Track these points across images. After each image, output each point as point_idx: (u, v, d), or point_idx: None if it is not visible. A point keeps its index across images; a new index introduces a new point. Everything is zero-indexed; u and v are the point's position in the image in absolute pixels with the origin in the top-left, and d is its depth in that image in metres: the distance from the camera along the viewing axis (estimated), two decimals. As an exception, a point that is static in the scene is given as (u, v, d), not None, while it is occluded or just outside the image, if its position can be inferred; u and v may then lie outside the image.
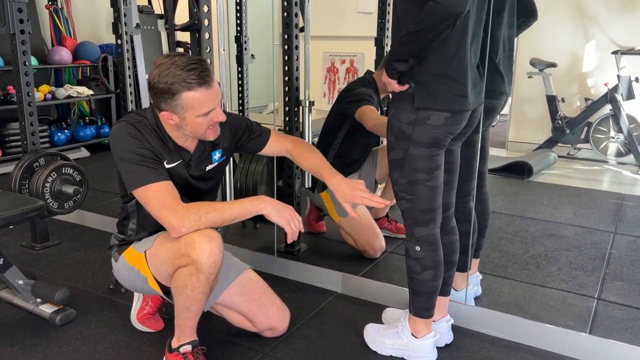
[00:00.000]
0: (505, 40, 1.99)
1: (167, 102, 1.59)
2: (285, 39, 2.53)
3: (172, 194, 1.61)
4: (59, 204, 2.62)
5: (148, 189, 1.59)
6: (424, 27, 1.49)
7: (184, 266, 1.58)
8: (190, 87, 1.57)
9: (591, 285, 2.45)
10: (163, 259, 1.66)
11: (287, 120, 2.62)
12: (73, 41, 4.91)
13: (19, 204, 1.99)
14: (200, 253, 1.54)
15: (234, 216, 1.64)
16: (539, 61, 4.86)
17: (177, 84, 1.56)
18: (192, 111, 1.60)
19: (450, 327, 1.98)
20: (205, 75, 1.59)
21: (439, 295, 1.84)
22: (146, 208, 1.61)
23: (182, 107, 1.59)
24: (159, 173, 1.63)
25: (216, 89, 1.64)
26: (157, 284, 1.73)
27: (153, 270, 1.71)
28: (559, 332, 1.94)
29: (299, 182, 2.68)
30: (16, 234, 2.91)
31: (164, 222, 1.57)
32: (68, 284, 2.38)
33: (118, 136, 1.65)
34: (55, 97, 4.53)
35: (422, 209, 1.73)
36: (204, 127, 1.66)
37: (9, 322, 2.09)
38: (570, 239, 3.01)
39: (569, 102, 4.99)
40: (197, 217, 1.57)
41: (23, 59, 2.59)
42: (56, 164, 2.60)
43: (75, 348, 1.92)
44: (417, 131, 1.64)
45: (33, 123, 2.68)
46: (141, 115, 1.70)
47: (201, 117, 1.62)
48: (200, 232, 1.57)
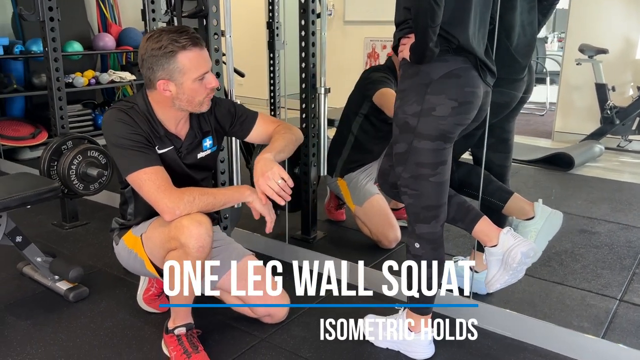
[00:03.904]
0: (525, 25, 1.90)
1: (163, 67, 1.63)
2: (302, 25, 2.51)
3: (165, 178, 1.64)
4: (85, 186, 2.73)
5: (142, 173, 1.63)
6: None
7: (174, 249, 1.61)
8: (185, 47, 1.61)
9: (616, 285, 2.32)
10: (156, 242, 1.70)
11: (303, 107, 2.61)
12: (117, 28, 5.06)
13: (35, 185, 2.09)
14: (188, 237, 1.57)
15: (224, 201, 1.68)
16: (588, 47, 4.60)
17: (172, 44, 1.61)
18: (189, 74, 1.64)
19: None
20: (196, 37, 1.65)
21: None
22: (140, 192, 1.65)
23: (179, 70, 1.63)
24: (152, 158, 1.66)
25: (207, 53, 1.69)
26: (153, 266, 1.77)
27: (149, 254, 1.76)
28: (566, 332, 1.86)
29: (315, 170, 2.67)
30: (49, 213, 3.05)
31: (158, 204, 1.61)
32: (88, 262, 2.48)
33: (110, 123, 1.69)
34: (99, 82, 4.69)
35: (424, 205, 1.68)
36: (200, 93, 1.68)
37: (29, 297, 2.21)
38: (602, 235, 2.86)
39: (619, 90, 4.70)
40: (191, 199, 1.60)
41: (52, 45, 2.69)
42: (82, 147, 2.70)
43: (84, 324, 2.01)
44: (422, 123, 1.58)
45: (62, 107, 2.79)
46: (131, 102, 1.74)
47: (197, 82, 1.66)
48: (189, 216, 1.59)
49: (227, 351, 1.85)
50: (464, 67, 1.56)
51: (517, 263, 1.71)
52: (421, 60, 1.52)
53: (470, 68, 1.57)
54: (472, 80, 1.57)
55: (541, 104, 6.72)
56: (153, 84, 1.67)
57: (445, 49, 1.53)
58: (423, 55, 1.50)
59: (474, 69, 1.58)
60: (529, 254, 1.72)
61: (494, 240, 1.76)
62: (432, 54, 1.49)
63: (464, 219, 1.81)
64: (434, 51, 1.49)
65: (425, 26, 1.43)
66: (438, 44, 1.49)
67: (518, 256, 1.70)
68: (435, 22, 1.43)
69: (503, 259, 1.75)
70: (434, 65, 1.54)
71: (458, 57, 1.55)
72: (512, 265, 1.72)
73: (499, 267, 1.77)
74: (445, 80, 1.54)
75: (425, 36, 1.45)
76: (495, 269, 1.78)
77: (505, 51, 1.79)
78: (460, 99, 1.56)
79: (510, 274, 1.75)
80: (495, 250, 1.76)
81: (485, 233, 1.78)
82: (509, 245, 1.73)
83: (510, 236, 1.75)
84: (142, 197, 1.67)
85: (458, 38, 1.51)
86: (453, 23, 1.50)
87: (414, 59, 1.53)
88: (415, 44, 1.49)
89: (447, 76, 1.54)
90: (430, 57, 1.50)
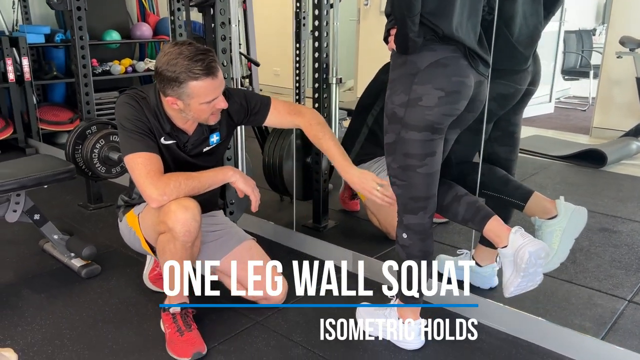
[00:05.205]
0: (527, 15, 1.86)
1: (173, 89, 1.67)
2: (315, 15, 2.53)
3: (157, 166, 1.71)
4: (107, 169, 2.85)
5: (137, 156, 1.70)
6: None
7: (163, 232, 1.68)
8: (197, 78, 1.64)
9: (628, 286, 2.25)
10: (149, 223, 1.78)
11: (316, 97, 2.63)
12: (155, 17, 5.20)
13: (52, 166, 2.20)
14: (174, 221, 1.63)
15: (209, 183, 1.75)
16: (629, 40, 4.41)
17: (184, 74, 1.63)
18: (197, 99, 1.68)
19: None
20: (212, 66, 1.66)
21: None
22: (131, 175, 1.72)
23: (187, 95, 1.67)
24: (150, 145, 1.73)
25: (220, 79, 1.71)
26: (148, 245, 1.85)
27: (144, 233, 1.84)
28: (561, 331, 1.82)
29: (326, 160, 2.69)
30: (77, 194, 3.20)
31: (145, 191, 1.67)
32: (105, 242, 2.60)
33: (119, 105, 1.78)
34: (135, 70, 4.85)
35: (412, 196, 1.68)
36: (206, 113, 1.74)
37: (47, 272, 2.34)
38: (623, 235, 2.76)
39: (662, 85, 4.49)
40: (177, 185, 1.66)
41: (79, 33, 2.81)
42: (105, 131, 2.81)
43: (92, 300, 2.11)
44: (409, 113, 1.58)
45: (88, 93, 2.91)
46: (145, 94, 1.80)
47: (205, 104, 1.70)
48: (177, 201, 1.65)
49: (221, 332, 1.91)
50: (452, 57, 1.54)
51: (526, 263, 1.62)
52: (405, 50, 1.51)
53: (459, 57, 1.55)
54: (461, 70, 1.55)
55: (584, 98, 6.49)
56: (164, 93, 1.72)
57: (432, 38, 1.52)
58: (406, 45, 1.49)
59: (464, 57, 1.56)
60: (539, 254, 1.63)
61: (504, 240, 1.68)
62: (415, 44, 1.49)
63: (473, 219, 1.76)
64: (416, 41, 1.48)
65: (402, 16, 1.43)
66: (421, 34, 1.48)
67: (526, 256, 1.61)
68: (412, 12, 1.42)
69: (514, 260, 1.67)
70: (422, 55, 1.53)
71: (447, 46, 1.54)
72: (521, 266, 1.64)
73: (512, 270, 1.68)
74: (432, 70, 1.53)
75: (404, 26, 1.45)
76: (509, 272, 1.69)
77: (506, 41, 1.76)
78: (447, 89, 1.54)
79: (522, 276, 1.65)
80: (506, 251, 1.68)
81: (495, 233, 1.71)
82: (517, 245, 1.65)
83: (519, 235, 1.66)
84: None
85: (442, 28, 1.50)
86: (437, 13, 1.49)
87: (399, 49, 1.53)
88: (396, 34, 1.49)
89: (434, 65, 1.53)
90: (413, 47, 1.49)
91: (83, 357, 1.77)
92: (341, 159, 1.93)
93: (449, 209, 1.81)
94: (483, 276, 2.19)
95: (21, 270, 2.35)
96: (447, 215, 1.85)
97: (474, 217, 1.76)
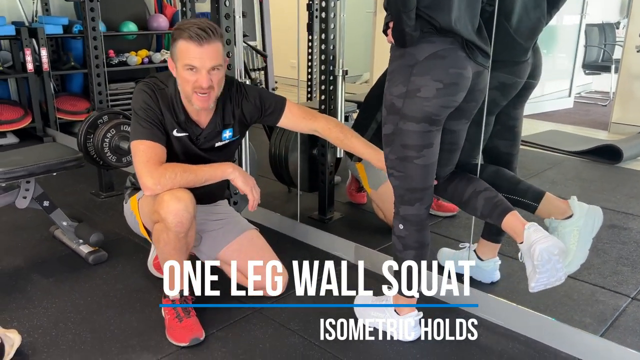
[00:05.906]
0: (529, 8, 1.83)
1: (171, 49, 1.75)
2: (322, 7, 2.53)
3: (159, 156, 1.74)
4: (117, 158, 2.90)
5: (140, 143, 1.74)
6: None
7: (158, 221, 1.72)
8: (184, 38, 1.70)
9: (633, 283, 2.22)
10: (145, 210, 1.82)
11: (322, 89, 2.63)
12: (172, 9, 5.25)
13: (61, 155, 2.25)
14: (167, 212, 1.66)
15: (206, 178, 1.75)
16: (650, 33, 4.32)
17: (178, 31, 1.71)
18: (181, 60, 1.72)
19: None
20: (205, 35, 1.69)
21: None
22: (133, 160, 1.75)
23: (175, 55, 1.74)
24: (156, 134, 1.76)
25: (210, 51, 1.71)
26: (146, 231, 1.89)
27: (142, 218, 1.88)
28: (558, 326, 1.81)
29: (332, 152, 2.70)
30: (89, 183, 3.27)
31: (141, 177, 1.70)
32: (114, 230, 2.65)
33: (137, 92, 1.82)
34: (151, 61, 4.91)
35: (409, 187, 1.68)
36: (190, 84, 1.73)
37: (56, 258, 2.40)
38: (633, 232, 2.72)
39: (684, 80, 4.40)
40: (173, 175, 1.69)
41: (92, 24, 2.86)
42: (115, 121, 2.86)
43: (97, 285, 2.16)
44: (408, 104, 1.59)
45: (100, 83, 2.96)
46: (164, 84, 1.83)
47: (187, 70, 1.71)
48: (171, 192, 1.68)
49: (219, 319, 1.94)
50: (450, 48, 1.54)
51: (537, 260, 1.60)
52: (402, 44, 1.52)
53: (456, 49, 1.54)
54: (458, 61, 1.55)
55: (605, 93, 6.38)
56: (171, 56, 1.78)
57: (430, 31, 1.52)
58: (403, 40, 1.50)
59: (462, 49, 1.55)
60: (552, 251, 1.61)
61: (520, 236, 1.66)
62: (412, 38, 1.50)
63: (491, 215, 1.74)
64: (412, 35, 1.49)
65: (398, 12, 1.45)
66: (417, 27, 1.49)
67: (536, 252, 1.60)
68: (408, 7, 1.44)
69: (530, 256, 1.65)
70: (420, 47, 1.54)
71: (445, 38, 1.53)
72: (534, 263, 1.62)
73: (531, 265, 1.66)
74: (430, 62, 1.53)
75: (400, 21, 1.46)
76: (529, 267, 1.67)
77: (505, 33, 1.75)
78: (445, 80, 1.54)
79: (539, 272, 1.63)
80: (523, 247, 1.66)
81: (512, 229, 1.69)
82: (531, 241, 1.63)
83: (532, 232, 1.64)
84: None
85: (439, 21, 1.50)
86: (433, 6, 1.49)
87: (396, 43, 1.54)
88: (393, 29, 1.50)
89: (432, 57, 1.53)
90: (410, 40, 1.50)
91: (85, 340, 1.82)
92: (370, 151, 1.98)
93: (468, 204, 1.81)
94: (484, 270, 2.19)
95: (31, 255, 2.41)
96: (467, 210, 1.85)
97: (491, 213, 1.74)
